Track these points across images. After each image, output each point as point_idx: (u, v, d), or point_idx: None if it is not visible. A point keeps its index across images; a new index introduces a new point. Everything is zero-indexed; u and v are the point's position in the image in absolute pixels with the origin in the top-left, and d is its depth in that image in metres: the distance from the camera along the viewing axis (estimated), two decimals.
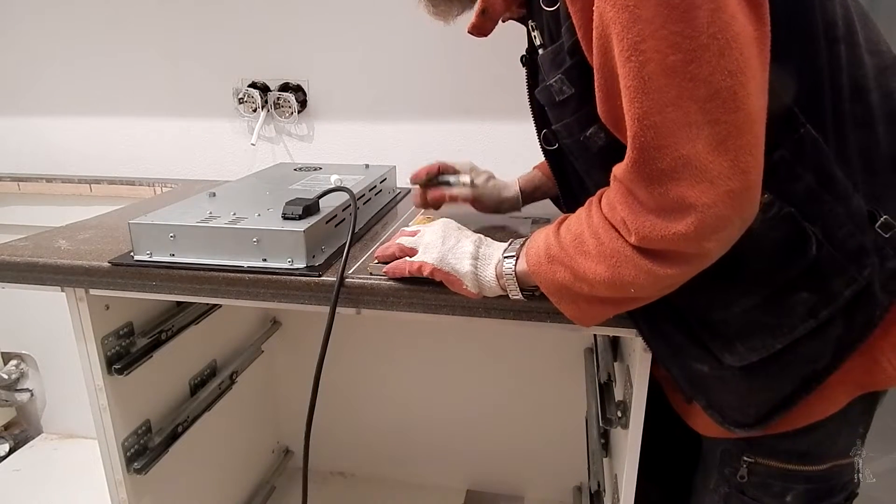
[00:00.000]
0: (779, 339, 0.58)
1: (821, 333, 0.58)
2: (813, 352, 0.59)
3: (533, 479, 1.52)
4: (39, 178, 1.51)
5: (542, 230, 0.65)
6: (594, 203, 0.59)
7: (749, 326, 0.59)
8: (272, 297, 0.79)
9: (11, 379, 1.73)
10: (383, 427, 1.55)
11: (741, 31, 0.47)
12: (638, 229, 0.53)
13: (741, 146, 0.48)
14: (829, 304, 0.56)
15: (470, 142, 1.36)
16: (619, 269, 0.56)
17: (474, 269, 0.69)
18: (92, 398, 0.93)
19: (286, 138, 1.45)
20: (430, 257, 0.71)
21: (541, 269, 0.63)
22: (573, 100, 0.60)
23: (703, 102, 0.47)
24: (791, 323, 0.57)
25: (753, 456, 0.66)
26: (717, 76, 0.46)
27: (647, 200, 0.51)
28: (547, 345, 1.39)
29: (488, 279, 0.68)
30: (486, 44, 1.28)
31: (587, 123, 0.59)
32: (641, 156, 0.50)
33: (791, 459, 0.65)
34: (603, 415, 0.88)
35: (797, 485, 0.66)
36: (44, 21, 1.46)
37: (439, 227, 0.75)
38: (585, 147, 0.61)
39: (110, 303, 0.92)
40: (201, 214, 0.85)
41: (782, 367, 0.60)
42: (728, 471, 0.69)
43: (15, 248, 0.89)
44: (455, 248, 0.71)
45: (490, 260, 0.69)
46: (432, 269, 0.70)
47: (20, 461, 1.69)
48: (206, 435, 1.19)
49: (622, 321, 0.71)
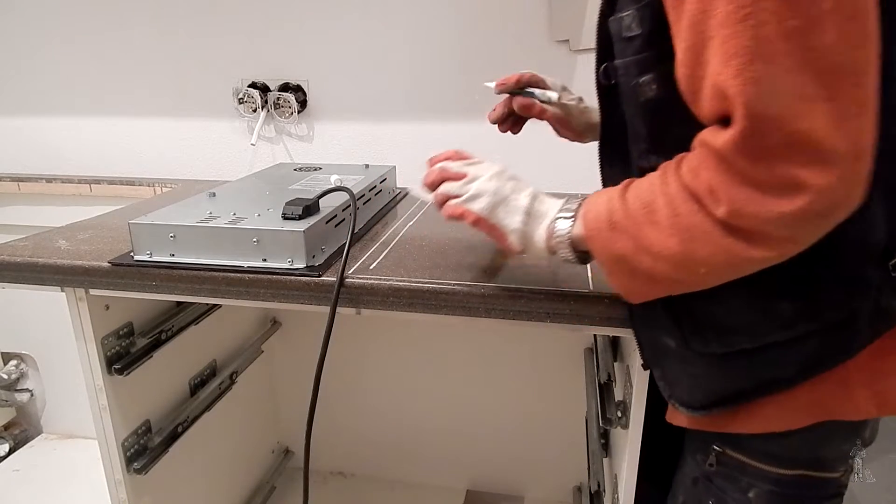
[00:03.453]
0: (750, 340, 0.57)
1: (791, 347, 0.56)
2: (777, 361, 0.58)
3: (533, 479, 1.52)
4: (39, 178, 1.52)
5: (605, 192, 0.58)
6: (671, 169, 0.53)
7: (726, 321, 0.58)
8: (272, 297, 0.79)
9: (11, 379, 1.73)
10: (383, 427, 1.55)
11: (868, 1, 0.43)
12: (732, 200, 0.47)
13: (862, 127, 0.44)
14: (809, 321, 0.55)
15: (470, 142, 1.36)
16: (693, 244, 0.51)
17: (524, 225, 0.64)
18: (92, 398, 0.93)
19: (286, 138, 1.45)
20: (478, 206, 0.66)
21: (600, 235, 0.57)
22: (638, 39, 0.55)
23: (823, 74, 0.43)
24: (767, 328, 0.56)
25: (723, 446, 0.65)
26: (840, 47, 0.42)
27: (750, 173, 0.46)
28: (547, 345, 1.39)
29: (537, 239, 0.64)
30: (487, 44, 1.28)
31: (644, 70, 0.56)
32: (750, 127, 0.44)
33: (758, 457, 0.64)
34: (603, 415, 0.88)
35: (762, 483, 0.64)
36: (44, 21, 1.46)
37: (494, 173, 0.68)
38: (634, 93, 0.57)
39: (110, 303, 0.92)
40: (201, 214, 0.85)
41: (742, 366, 0.59)
42: (700, 457, 0.69)
43: (15, 248, 0.89)
44: (508, 199, 0.65)
45: (543, 218, 0.64)
46: (476, 218, 0.66)
47: (20, 461, 1.69)
48: (206, 435, 1.19)
49: (622, 321, 0.71)
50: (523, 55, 1.27)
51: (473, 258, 0.83)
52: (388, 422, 1.55)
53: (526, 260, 0.73)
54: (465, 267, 0.80)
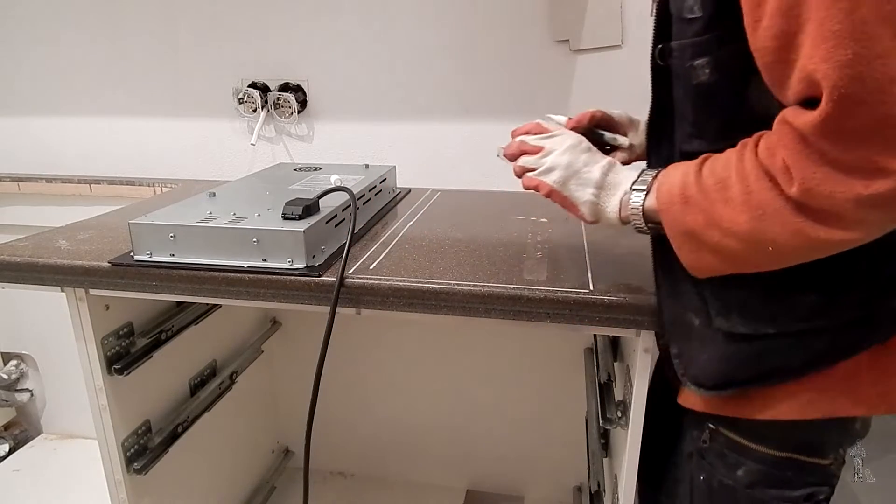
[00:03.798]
0: (772, 326, 0.59)
1: (809, 338, 0.58)
2: (790, 350, 0.60)
3: (533, 479, 1.52)
4: (39, 178, 1.52)
5: (681, 165, 0.59)
6: (749, 146, 0.53)
7: (753, 305, 0.60)
8: (272, 297, 0.79)
9: (11, 379, 1.73)
10: (383, 427, 1.55)
11: None
12: (806, 179, 0.48)
13: None
14: (827, 314, 0.57)
15: (470, 142, 1.36)
16: (763, 221, 0.52)
17: (595, 198, 0.67)
18: (92, 398, 0.93)
19: (286, 138, 1.45)
20: (552, 178, 0.69)
21: (672, 208, 0.59)
22: (698, 22, 0.55)
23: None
24: (790, 317, 0.58)
25: (717, 424, 0.68)
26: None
27: (831, 153, 0.46)
28: (547, 345, 1.39)
29: (610, 210, 0.66)
30: (487, 43, 1.28)
31: (700, 53, 0.56)
32: (838, 109, 0.44)
33: (750, 437, 0.66)
34: (603, 415, 0.88)
35: (750, 462, 0.66)
36: (44, 21, 1.46)
37: (568, 146, 0.70)
38: (687, 75, 0.58)
39: (110, 303, 0.92)
40: (201, 214, 0.85)
41: (757, 351, 0.61)
42: (695, 433, 0.71)
43: (15, 248, 0.89)
44: (581, 172, 0.68)
45: (616, 190, 0.66)
46: (550, 190, 0.69)
47: (20, 461, 1.69)
48: (206, 435, 1.19)
49: (622, 321, 0.71)
50: (523, 55, 1.27)
51: (475, 258, 0.84)
52: (388, 422, 1.55)
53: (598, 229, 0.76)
54: (466, 267, 0.80)
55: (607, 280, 0.75)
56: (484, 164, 1.37)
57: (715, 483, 0.69)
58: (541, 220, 1.03)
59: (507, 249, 0.87)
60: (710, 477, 0.70)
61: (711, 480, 0.70)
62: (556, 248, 0.88)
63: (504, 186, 1.35)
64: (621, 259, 0.83)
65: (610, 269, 0.79)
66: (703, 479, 0.71)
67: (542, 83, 1.28)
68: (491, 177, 1.37)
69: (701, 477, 0.71)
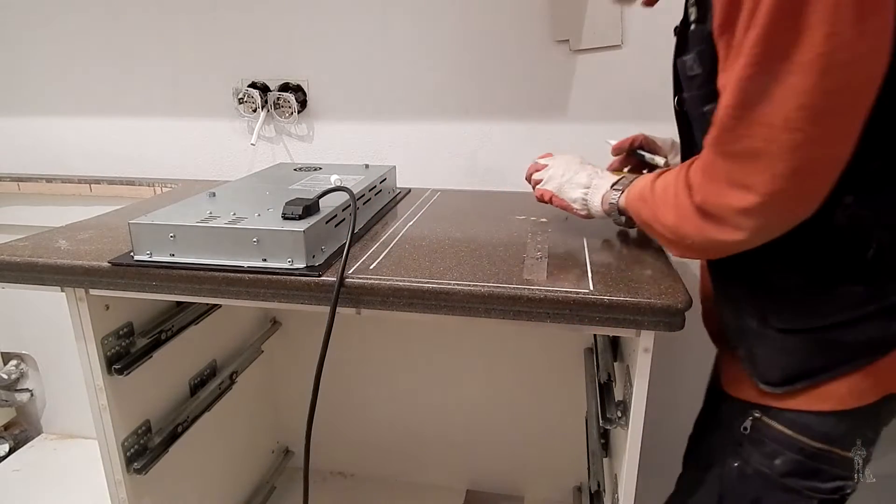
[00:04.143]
0: (822, 319, 0.65)
1: (862, 326, 0.63)
2: (852, 340, 0.64)
3: (533, 479, 1.52)
4: (39, 178, 1.51)
5: (648, 175, 0.78)
6: (686, 164, 0.68)
7: (802, 300, 0.66)
8: (272, 297, 0.79)
9: (11, 379, 1.73)
10: (383, 427, 1.55)
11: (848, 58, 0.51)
12: (702, 191, 0.63)
13: (813, 158, 0.55)
14: (876, 301, 0.62)
15: (470, 142, 1.36)
16: (681, 221, 0.67)
17: (585, 195, 0.86)
18: (92, 398, 0.93)
19: (286, 138, 1.45)
20: (552, 186, 0.90)
21: (634, 204, 0.78)
22: (699, 78, 0.66)
23: (790, 110, 0.53)
24: (839, 308, 0.64)
25: (761, 413, 0.72)
26: (812, 95, 0.52)
27: (719, 172, 0.61)
28: (547, 345, 1.39)
29: (595, 204, 0.85)
30: (487, 43, 1.28)
31: (707, 101, 0.66)
32: (723, 135, 0.59)
33: (792, 426, 0.69)
34: (603, 415, 0.88)
35: (787, 451, 0.70)
36: (44, 21, 1.46)
37: (563, 161, 0.92)
38: (702, 119, 0.67)
39: (110, 303, 0.92)
40: (201, 214, 0.85)
41: (817, 343, 0.66)
42: (737, 422, 0.75)
43: (15, 248, 0.89)
44: (572, 179, 0.88)
45: (600, 189, 0.84)
46: (551, 196, 0.90)
47: (20, 461, 1.69)
48: (206, 435, 1.19)
49: (622, 321, 0.71)
50: (523, 55, 1.27)
51: (475, 258, 0.84)
52: (388, 422, 1.55)
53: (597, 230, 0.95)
54: (466, 267, 0.80)
55: (607, 280, 0.75)
56: (483, 165, 1.37)
57: (749, 470, 0.73)
58: (541, 220, 1.03)
59: (507, 249, 0.87)
60: (744, 464, 0.73)
61: (745, 468, 0.73)
62: (556, 248, 0.89)
63: (504, 186, 1.35)
64: (621, 259, 0.83)
65: (610, 269, 0.79)
66: (737, 467, 0.74)
67: (542, 83, 1.28)
68: (491, 177, 1.37)
69: (735, 464, 0.74)
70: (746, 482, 0.74)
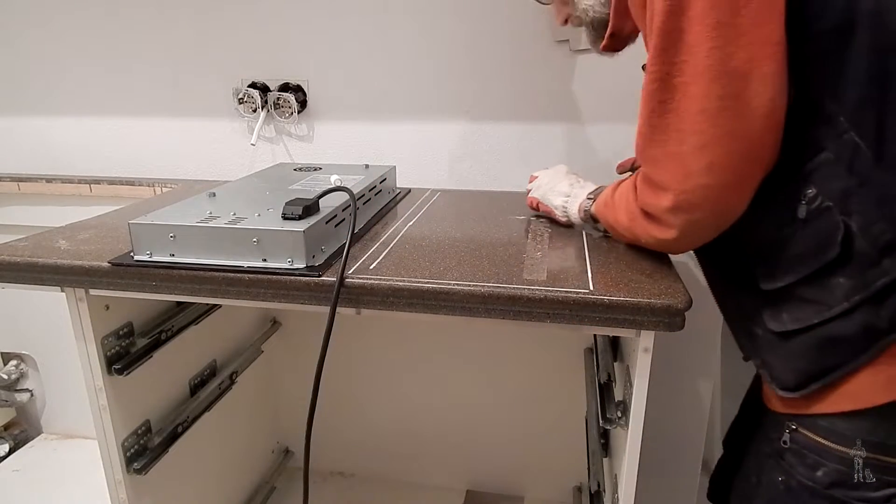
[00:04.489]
0: (816, 316, 0.65)
1: (854, 317, 0.63)
2: (848, 333, 0.64)
3: (533, 479, 1.52)
4: (39, 178, 1.51)
5: (611, 185, 0.86)
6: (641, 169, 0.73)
7: (796, 300, 0.67)
8: (272, 297, 0.79)
9: (11, 379, 1.73)
10: (383, 427, 1.55)
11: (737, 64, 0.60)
12: (640, 195, 0.72)
13: (723, 153, 0.62)
14: (861, 290, 0.62)
15: (470, 142, 1.36)
16: (632, 222, 0.77)
17: (565, 203, 0.95)
18: (92, 398, 0.93)
19: (286, 138, 1.45)
20: (538, 193, 1.01)
21: (600, 210, 0.88)
22: None
23: (693, 114, 0.62)
24: (829, 302, 0.64)
25: (797, 425, 0.71)
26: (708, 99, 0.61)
27: (648, 176, 0.70)
28: (547, 345, 1.39)
29: (574, 211, 0.94)
30: (487, 43, 1.28)
31: None
32: (641, 142, 0.68)
33: (828, 436, 0.68)
34: (603, 415, 0.88)
35: (829, 462, 0.68)
36: (44, 21, 1.46)
37: (551, 172, 1.02)
38: None
39: (110, 303, 0.92)
40: (201, 214, 0.85)
41: (819, 342, 0.66)
42: (775, 435, 0.74)
43: (15, 248, 0.89)
44: (555, 187, 0.98)
45: (577, 199, 0.93)
46: (537, 202, 1.01)
47: (20, 461, 1.69)
48: (206, 435, 1.19)
49: (622, 321, 0.71)
50: (523, 55, 1.27)
51: (475, 258, 0.84)
52: (388, 422, 1.55)
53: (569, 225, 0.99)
54: (466, 267, 0.80)
55: (607, 280, 0.75)
56: (483, 165, 1.37)
57: (794, 483, 0.71)
58: (541, 220, 1.03)
59: (507, 249, 0.87)
60: (788, 478, 0.72)
61: (790, 481, 0.72)
62: (556, 248, 0.89)
63: (504, 186, 1.35)
64: (621, 259, 0.83)
65: (610, 269, 0.79)
66: (782, 481, 0.73)
67: (542, 83, 1.28)
68: (491, 177, 1.37)
69: (780, 478, 0.73)
70: (792, 496, 0.72)
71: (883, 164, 0.60)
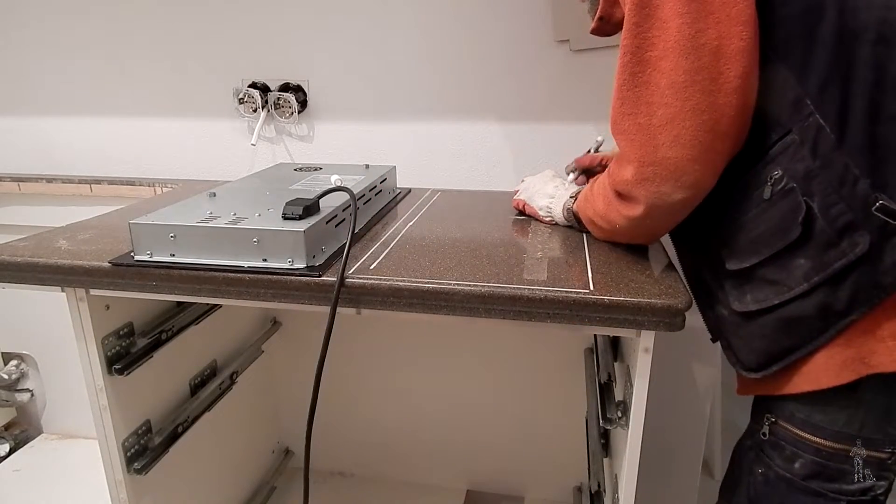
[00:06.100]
0: (777, 296, 0.66)
1: (812, 298, 0.64)
2: (806, 314, 0.65)
3: (533, 479, 1.52)
4: (39, 178, 1.52)
5: (589, 183, 0.88)
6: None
7: (759, 281, 0.68)
8: (272, 297, 0.79)
9: (11, 379, 1.73)
10: (383, 427, 1.55)
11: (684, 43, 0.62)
12: (611, 174, 0.75)
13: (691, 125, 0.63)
14: (820, 272, 0.63)
15: (470, 142, 1.36)
16: (608, 206, 0.79)
17: (549, 204, 0.97)
18: (92, 398, 0.93)
19: (286, 138, 1.45)
20: (524, 196, 1.04)
21: (580, 205, 0.90)
22: None
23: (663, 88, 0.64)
24: (789, 283, 0.65)
25: (775, 416, 0.72)
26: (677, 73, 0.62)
27: (619, 149, 0.71)
28: (547, 345, 1.39)
29: (558, 211, 0.96)
30: (487, 43, 1.28)
31: None
32: (614, 116, 0.69)
33: (804, 427, 0.69)
34: (603, 415, 0.88)
35: (806, 454, 0.70)
36: (44, 21, 1.46)
37: (537, 176, 1.05)
38: None
39: (110, 303, 0.92)
40: (201, 214, 0.85)
41: (780, 322, 0.67)
42: (756, 426, 0.76)
43: (15, 248, 0.89)
44: (540, 189, 1.00)
45: (562, 199, 0.96)
46: (523, 204, 1.04)
47: (20, 461, 1.69)
48: (206, 435, 1.19)
49: (622, 321, 0.71)
50: (524, 55, 1.27)
51: (475, 258, 0.84)
52: (389, 422, 1.55)
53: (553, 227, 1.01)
54: (466, 267, 0.80)
55: (607, 280, 0.75)
56: (484, 165, 1.37)
57: (772, 475, 0.73)
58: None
59: (507, 249, 0.87)
60: (767, 470, 0.74)
61: (769, 473, 0.73)
62: (556, 248, 0.89)
63: (504, 186, 1.35)
64: (621, 259, 0.83)
65: (610, 269, 0.79)
66: (761, 473, 0.74)
67: (542, 83, 1.28)
68: (491, 177, 1.37)
69: (759, 470, 0.75)
70: (771, 487, 0.73)
71: (844, 146, 0.61)
